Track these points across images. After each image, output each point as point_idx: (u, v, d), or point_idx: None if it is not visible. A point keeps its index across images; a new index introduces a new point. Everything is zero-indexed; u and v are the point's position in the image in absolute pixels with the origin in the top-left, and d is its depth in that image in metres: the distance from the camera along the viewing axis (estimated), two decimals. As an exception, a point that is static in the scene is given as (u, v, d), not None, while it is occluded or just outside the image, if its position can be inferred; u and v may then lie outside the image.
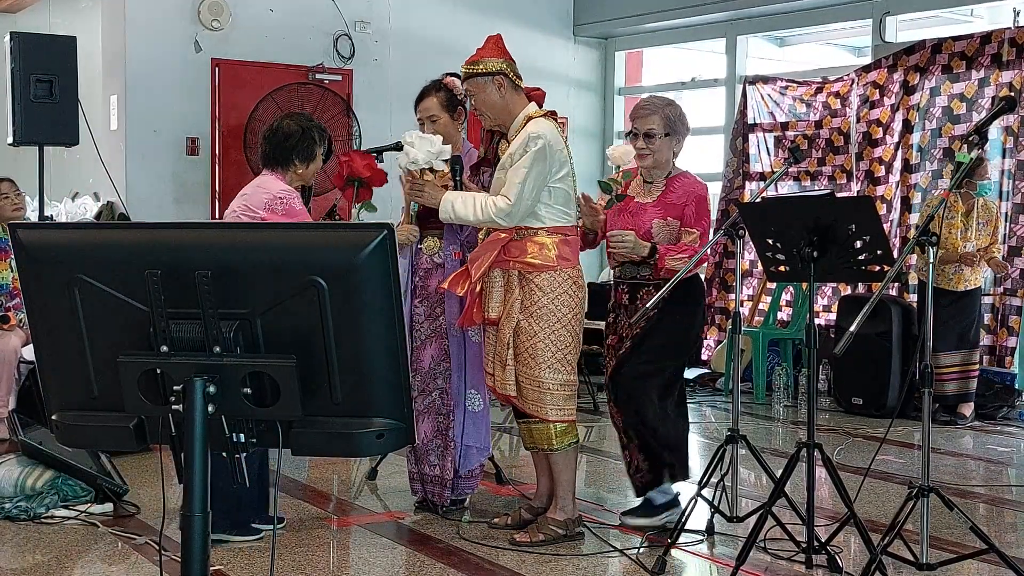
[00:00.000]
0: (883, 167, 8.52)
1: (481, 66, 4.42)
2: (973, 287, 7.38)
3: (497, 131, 4.58)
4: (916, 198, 8.21)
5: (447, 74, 4.89)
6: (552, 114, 4.53)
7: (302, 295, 1.90)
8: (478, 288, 4.44)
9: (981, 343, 7.59)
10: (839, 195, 7.90)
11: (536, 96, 4.54)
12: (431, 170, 4.50)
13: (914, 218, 8.12)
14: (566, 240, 4.45)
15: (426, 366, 4.82)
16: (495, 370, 4.47)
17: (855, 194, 8.42)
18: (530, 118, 4.43)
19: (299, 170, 4.66)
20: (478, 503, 5.06)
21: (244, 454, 2.02)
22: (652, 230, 4.61)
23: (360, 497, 5.36)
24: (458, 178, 4.61)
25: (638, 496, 4.77)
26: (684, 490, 4.80)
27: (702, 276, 8.04)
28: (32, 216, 7.13)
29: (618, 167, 4.47)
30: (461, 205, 4.38)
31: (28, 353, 6.04)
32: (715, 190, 9.78)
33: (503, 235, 4.41)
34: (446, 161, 4.53)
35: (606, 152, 9.66)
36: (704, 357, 9.46)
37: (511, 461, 5.78)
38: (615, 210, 4.68)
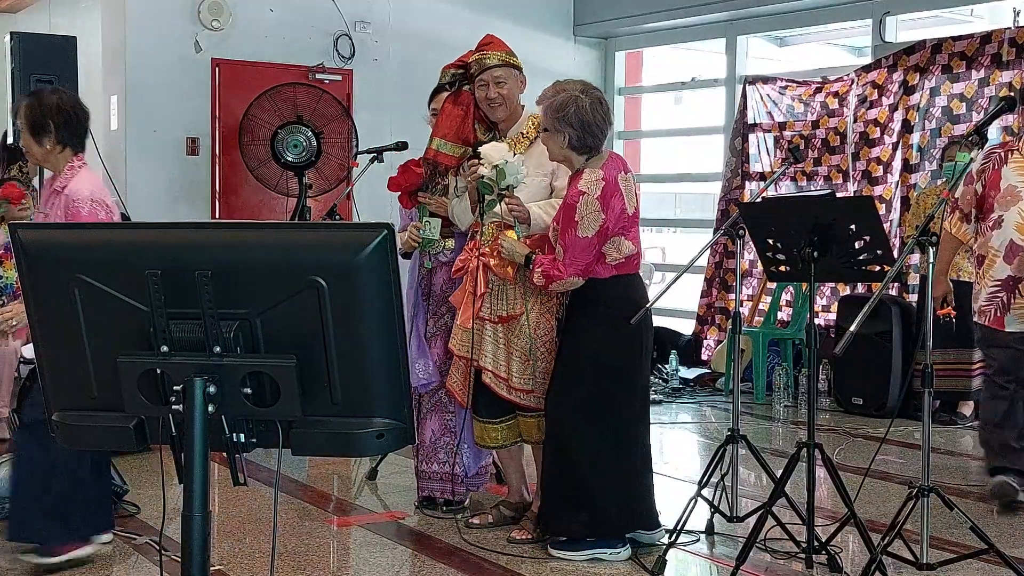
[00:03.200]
0: (881, 167, 8.52)
1: (515, 59, 4.53)
2: (967, 279, 7.30)
3: (485, 124, 4.66)
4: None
5: None
6: None
7: (302, 295, 1.90)
8: (478, 289, 4.44)
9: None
10: (838, 195, 7.89)
11: None
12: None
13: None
14: None
15: (433, 364, 4.83)
16: (512, 367, 4.43)
17: (853, 194, 8.41)
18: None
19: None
20: (477, 503, 5.05)
21: (244, 454, 2.02)
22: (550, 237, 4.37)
23: (360, 497, 5.36)
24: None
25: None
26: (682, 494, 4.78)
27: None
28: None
29: (495, 165, 4.24)
30: (548, 216, 4.37)
31: (28, 352, 6.03)
32: (715, 190, 9.79)
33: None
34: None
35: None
36: (704, 357, 9.47)
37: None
38: None
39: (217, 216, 8.43)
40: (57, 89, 4.57)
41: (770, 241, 4.24)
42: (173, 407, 1.94)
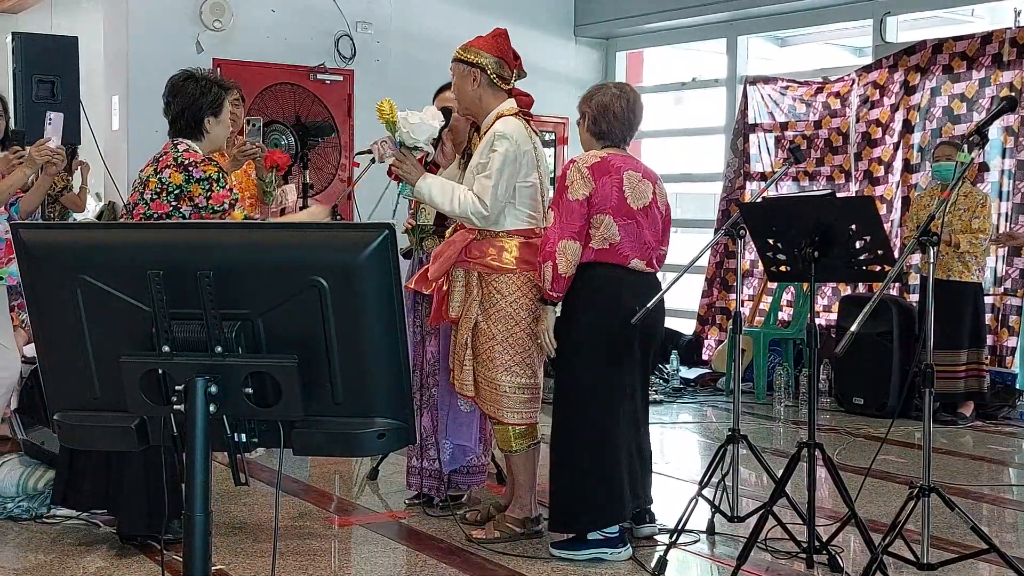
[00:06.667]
0: (882, 167, 8.53)
1: (467, 54, 4.46)
2: (957, 279, 7.27)
3: (474, 123, 4.65)
4: (917, 198, 8.21)
5: None
6: (523, 114, 4.49)
7: (303, 295, 1.90)
8: (444, 287, 4.47)
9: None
10: (839, 195, 7.89)
11: (522, 101, 4.52)
12: (414, 148, 4.44)
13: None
14: (528, 244, 4.39)
15: (427, 361, 4.85)
16: (455, 369, 4.48)
17: (854, 194, 8.42)
18: (500, 116, 4.41)
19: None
20: (479, 502, 5.06)
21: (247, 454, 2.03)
22: None
23: (361, 497, 5.36)
24: (443, 128, 4.65)
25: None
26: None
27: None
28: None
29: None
30: (439, 191, 4.34)
31: (30, 352, 6.04)
32: (716, 190, 9.80)
33: (465, 235, 4.42)
34: (434, 141, 4.52)
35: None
36: (705, 357, 9.47)
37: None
38: None
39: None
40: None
41: (771, 241, 4.24)
42: (175, 407, 1.94)
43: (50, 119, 5.06)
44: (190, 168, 4.29)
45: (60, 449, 4.57)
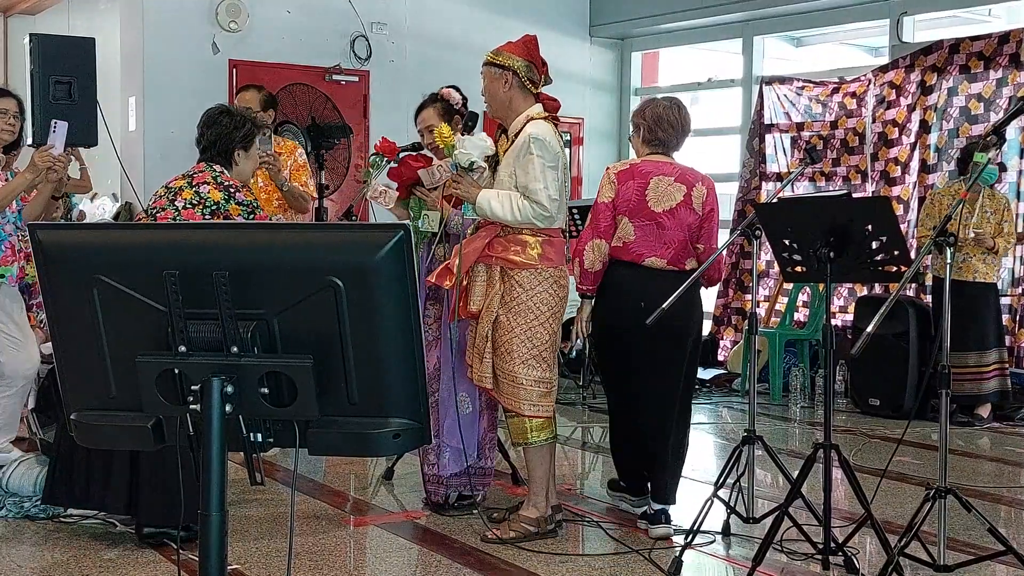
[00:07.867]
0: (899, 167, 8.49)
1: (498, 58, 4.54)
2: (982, 280, 7.24)
3: (501, 125, 4.67)
4: (933, 199, 8.16)
5: (444, 86, 5.13)
6: (553, 118, 4.57)
7: (319, 295, 1.91)
8: (465, 282, 4.50)
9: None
10: (855, 195, 7.87)
11: (550, 105, 4.58)
12: (471, 168, 4.49)
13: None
14: (550, 241, 4.50)
15: (431, 367, 4.84)
16: (474, 362, 4.54)
17: (871, 194, 8.39)
18: (531, 119, 4.49)
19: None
20: (493, 503, 5.06)
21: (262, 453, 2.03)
22: None
23: (376, 497, 5.37)
24: (470, 131, 4.69)
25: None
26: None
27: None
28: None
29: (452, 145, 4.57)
30: (498, 204, 4.40)
31: (47, 351, 6.06)
32: (732, 190, 9.78)
33: (489, 231, 4.48)
34: (487, 158, 4.58)
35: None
36: (721, 358, 9.45)
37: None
38: None
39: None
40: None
41: (786, 242, 4.23)
42: (191, 407, 1.95)
43: (55, 126, 5.13)
44: (230, 189, 4.45)
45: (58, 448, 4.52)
